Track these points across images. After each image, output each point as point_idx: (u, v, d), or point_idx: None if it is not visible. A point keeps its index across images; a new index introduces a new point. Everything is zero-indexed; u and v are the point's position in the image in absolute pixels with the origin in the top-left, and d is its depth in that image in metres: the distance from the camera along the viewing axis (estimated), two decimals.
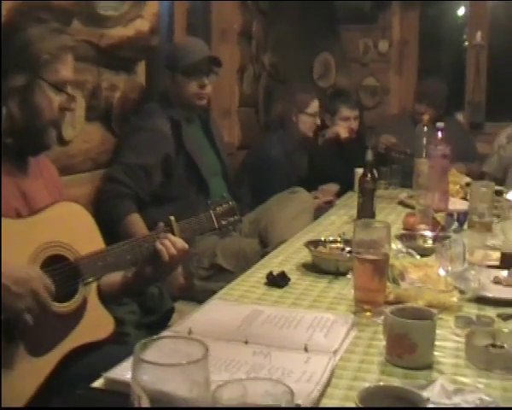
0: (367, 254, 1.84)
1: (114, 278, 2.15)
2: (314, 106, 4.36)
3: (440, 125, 3.05)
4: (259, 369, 1.49)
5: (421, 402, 1.16)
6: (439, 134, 3.01)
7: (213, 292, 2.14)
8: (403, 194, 3.72)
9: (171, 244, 2.09)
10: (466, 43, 5.97)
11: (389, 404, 1.20)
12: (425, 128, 3.54)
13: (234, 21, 4.94)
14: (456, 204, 3.30)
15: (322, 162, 4.49)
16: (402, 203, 3.59)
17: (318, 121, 4.40)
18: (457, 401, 1.38)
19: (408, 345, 1.56)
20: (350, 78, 5.88)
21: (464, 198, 3.39)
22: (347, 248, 2.33)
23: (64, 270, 1.91)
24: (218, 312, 1.90)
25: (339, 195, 4.18)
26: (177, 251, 2.09)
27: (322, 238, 2.53)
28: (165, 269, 2.13)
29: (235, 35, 4.96)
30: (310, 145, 4.53)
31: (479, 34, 5.82)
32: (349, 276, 2.10)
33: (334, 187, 4.35)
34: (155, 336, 0.97)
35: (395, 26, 5.91)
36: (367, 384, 1.43)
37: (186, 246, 2.13)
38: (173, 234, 2.15)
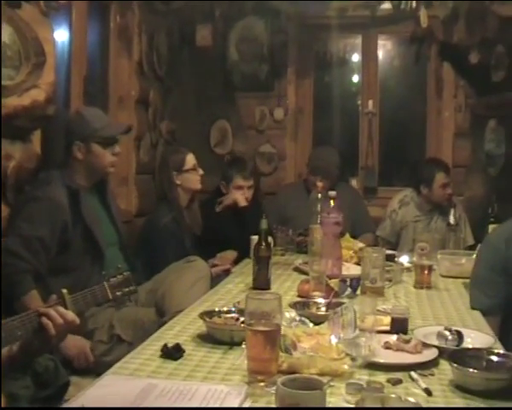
0: (259, 326, 1.87)
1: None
2: (190, 160, 4.36)
3: (332, 193, 3.14)
4: None
5: None
6: (332, 202, 3.09)
7: (111, 365, 2.12)
8: (298, 260, 3.78)
9: (60, 316, 2.07)
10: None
11: None
12: (319, 196, 3.62)
13: (131, 88, 4.96)
14: (350, 269, 3.39)
15: (220, 229, 4.51)
16: (297, 270, 3.64)
17: (201, 171, 4.39)
18: None
19: None
20: (247, 144, 5.97)
21: (358, 263, 3.46)
22: (242, 318, 2.35)
23: None
24: (111, 387, 1.88)
25: (237, 262, 4.21)
26: (66, 324, 2.07)
27: (216, 309, 2.54)
28: (52, 342, 2.10)
29: (133, 102, 4.98)
30: (205, 210, 4.55)
31: (370, 102, 6.04)
32: (244, 346, 2.12)
33: (231, 254, 4.38)
34: None
35: (290, 93, 6.05)
36: None
37: (76, 319, 2.11)
38: (65, 307, 2.13)
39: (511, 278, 3.12)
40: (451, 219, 4.56)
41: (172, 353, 2.16)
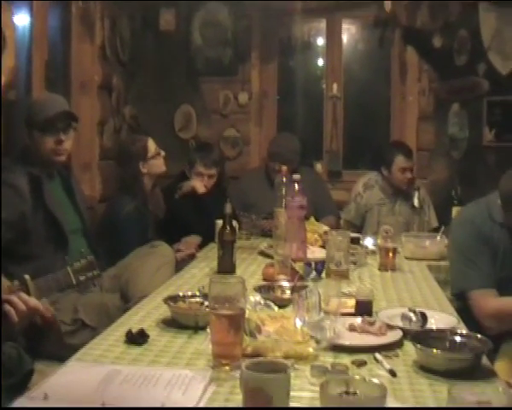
0: (223, 310, 1.87)
1: None
2: (151, 146, 4.32)
3: (297, 177, 3.14)
4: None
5: None
6: (296, 186, 3.09)
7: (76, 350, 2.10)
8: (263, 244, 3.77)
9: (23, 303, 2.04)
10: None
11: None
12: (284, 180, 3.61)
13: (94, 73, 4.91)
14: (315, 253, 3.39)
15: (182, 215, 4.49)
16: (262, 253, 3.64)
17: (163, 153, 4.35)
18: None
19: (264, 398, 1.57)
20: (211, 129, 5.95)
21: (323, 247, 3.47)
22: (206, 303, 2.34)
23: None
24: (75, 374, 1.86)
25: (201, 246, 4.20)
26: (29, 310, 2.05)
27: (181, 293, 2.53)
28: (15, 329, 2.08)
29: (95, 88, 4.93)
30: (167, 195, 4.51)
31: (335, 86, 6.05)
32: (208, 330, 2.11)
33: (195, 239, 4.36)
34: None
35: (254, 77, 6.04)
36: None
37: (39, 304, 2.09)
38: (28, 293, 2.11)
39: (493, 256, 3.14)
40: (415, 202, 4.60)
41: (137, 338, 2.15)
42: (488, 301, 3.05)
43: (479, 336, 2.11)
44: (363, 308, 2.41)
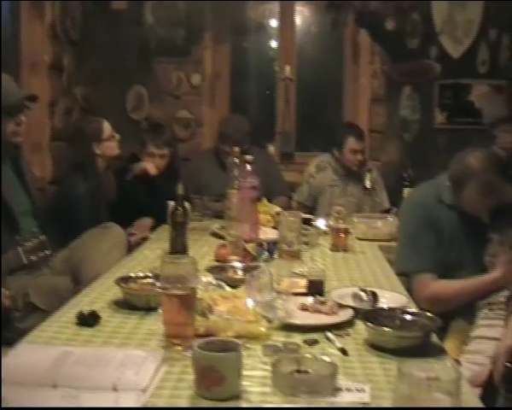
0: (174, 290, 1.86)
1: None
2: (106, 128, 4.29)
3: (249, 157, 3.14)
4: None
5: None
6: (248, 167, 3.09)
7: (26, 333, 2.08)
8: (215, 225, 3.77)
9: None
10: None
11: None
12: (236, 160, 3.61)
13: (44, 54, 4.84)
14: (268, 233, 3.40)
15: (134, 197, 4.46)
16: (215, 234, 3.64)
17: (118, 136, 4.32)
18: None
19: (216, 377, 1.58)
20: (163, 110, 5.90)
21: (275, 227, 3.47)
22: (158, 283, 2.33)
23: None
24: (26, 356, 1.83)
25: (154, 228, 4.17)
26: None
27: (133, 274, 2.52)
28: None
29: (46, 68, 4.86)
30: (119, 177, 4.48)
31: (288, 68, 6.05)
32: (160, 311, 2.10)
33: (148, 221, 4.34)
34: None
35: (207, 59, 6.01)
36: None
37: None
38: None
39: (439, 238, 3.20)
40: (367, 184, 4.64)
41: (88, 320, 2.13)
42: (426, 285, 3.11)
43: (428, 314, 2.14)
44: (315, 288, 2.43)
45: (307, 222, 3.74)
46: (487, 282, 3.02)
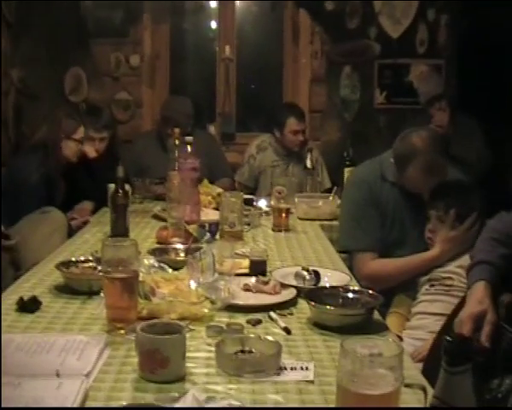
0: (116, 273, 1.84)
1: None
2: (80, 132, 4.24)
3: (189, 138, 3.12)
4: (9, 402, 1.44)
5: None
6: (188, 148, 3.07)
7: None
8: (157, 208, 3.74)
9: None
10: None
11: None
12: (177, 142, 3.58)
13: None
14: (209, 215, 3.39)
15: (74, 181, 4.39)
16: (156, 217, 3.61)
17: (80, 146, 4.28)
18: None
19: (160, 360, 1.58)
20: (102, 92, 5.81)
21: (217, 209, 3.46)
22: (99, 267, 2.31)
23: None
24: None
25: (95, 211, 4.12)
26: None
27: (73, 259, 2.49)
28: None
29: None
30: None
31: (227, 48, 6.02)
32: (102, 294, 2.08)
33: (89, 205, 4.27)
34: None
35: (146, 39, 5.93)
36: (122, 403, 1.45)
37: None
38: None
39: (382, 216, 3.23)
40: (308, 164, 4.64)
41: (29, 306, 2.10)
42: (366, 263, 3.15)
43: (370, 291, 2.17)
44: (257, 268, 2.44)
45: (249, 203, 3.74)
46: (425, 260, 3.07)
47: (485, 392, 1.93)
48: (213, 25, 6.35)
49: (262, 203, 3.87)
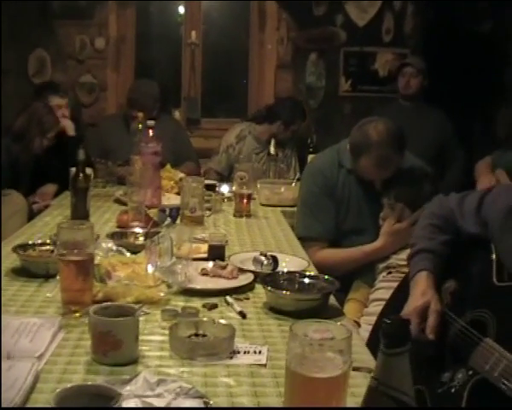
0: (71, 256, 1.84)
1: None
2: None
3: (151, 123, 3.11)
4: None
5: (116, 397, 1.19)
6: (150, 132, 3.07)
7: None
8: (119, 192, 3.72)
9: None
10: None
11: (86, 402, 1.22)
12: (140, 126, 3.57)
13: None
14: (171, 199, 3.39)
15: (37, 164, 4.35)
16: (118, 201, 3.59)
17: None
18: (160, 391, 1.43)
19: (112, 342, 1.58)
20: (66, 74, 5.77)
21: (179, 193, 3.45)
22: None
23: None
24: None
25: (58, 195, 4.09)
26: None
27: (30, 242, 2.48)
28: None
29: None
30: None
31: (193, 33, 6.00)
32: (59, 278, 2.08)
33: (51, 188, 4.23)
34: None
35: (112, 22, 5.88)
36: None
37: None
38: None
39: (338, 204, 3.26)
40: (272, 150, 4.65)
41: None
42: (315, 252, 3.15)
43: (326, 277, 2.18)
44: (216, 253, 2.44)
45: (211, 188, 3.74)
46: (368, 252, 3.10)
47: (436, 385, 1.96)
48: (181, 10, 6.32)
49: (225, 189, 3.87)
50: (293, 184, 4.01)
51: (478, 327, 1.94)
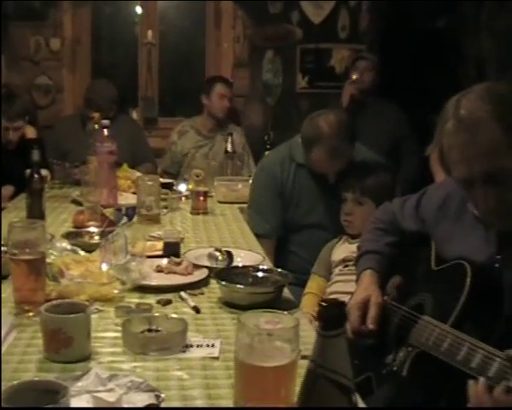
0: (22, 255, 1.84)
1: None
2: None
3: (105, 122, 3.11)
4: None
5: (63, 391, 1.19)
6: (105, 132, 3.06)
7: None
8: (76, 192, 3.71)
9: None
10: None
11: (35, 397, 1.22)
12: (96, 127, 3.57)
13: None
14: (128, 199, 3.39)
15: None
16: (75, 202, 3.57)
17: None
18: (111, 386, 1.44)
19: (64, 339, 1.59)
20: (21, 76, 5.72)
21: (135, 193, 3.45)
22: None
23: None
24: None
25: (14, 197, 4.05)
26: None
27: None
28: None
29: None
30: None
31: (150, 33, 6.00)
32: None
33: (8, 190, 4.20)
34: None
35: (67, 23, 5.84)
36: None
37: None
38: None
39: (286, 202, 3.29)
40: (229, 147, 4.65)
41: None
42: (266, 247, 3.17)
43: (279, 270, 2.21)
44: (171, 250, 2.45)
45: (168, 186, 3.75)
46: None
47: (381, 368, 2.02)
48: (138, 10, 6.29)
49: (182, 187, 3.88)
50: (250, 181, 4.02)
51: (418, 310, 2.02)
